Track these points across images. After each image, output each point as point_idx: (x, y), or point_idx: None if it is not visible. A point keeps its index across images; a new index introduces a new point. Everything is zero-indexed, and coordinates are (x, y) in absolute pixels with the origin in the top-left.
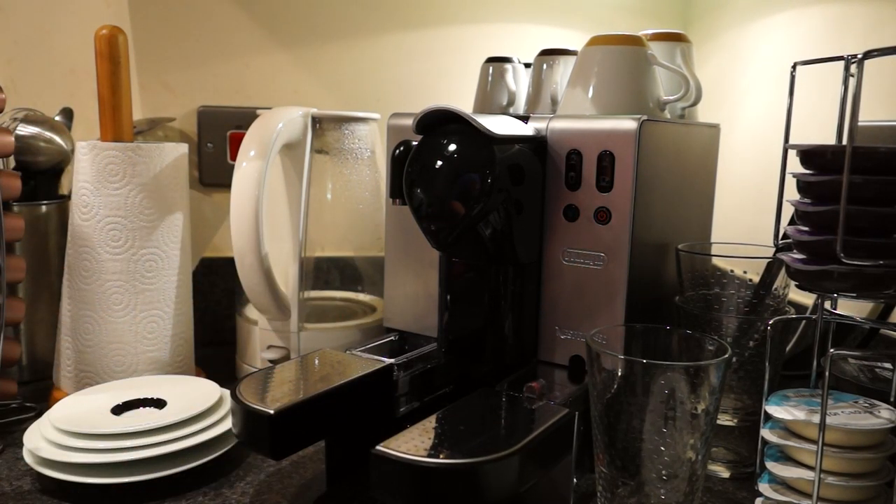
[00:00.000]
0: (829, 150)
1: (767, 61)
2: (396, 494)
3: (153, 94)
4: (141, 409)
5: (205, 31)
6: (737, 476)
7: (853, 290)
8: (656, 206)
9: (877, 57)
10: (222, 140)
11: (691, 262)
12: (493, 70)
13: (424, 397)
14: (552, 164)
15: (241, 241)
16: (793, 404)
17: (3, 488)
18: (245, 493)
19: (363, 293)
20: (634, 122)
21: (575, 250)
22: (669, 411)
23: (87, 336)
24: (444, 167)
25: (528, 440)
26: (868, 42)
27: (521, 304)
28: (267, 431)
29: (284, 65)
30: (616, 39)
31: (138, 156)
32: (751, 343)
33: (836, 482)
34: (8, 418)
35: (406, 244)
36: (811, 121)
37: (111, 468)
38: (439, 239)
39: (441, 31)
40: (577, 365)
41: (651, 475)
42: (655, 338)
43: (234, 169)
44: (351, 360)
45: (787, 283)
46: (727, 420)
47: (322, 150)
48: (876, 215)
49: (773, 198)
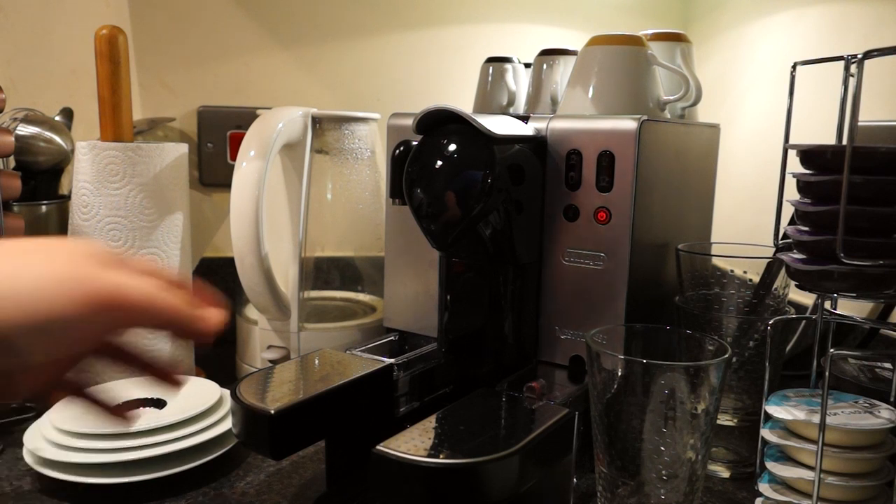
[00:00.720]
0: (829, 150)
1: (767, 61)
2: (396, 494)
3: (153, 94)
4: (141, 409)
5: (205, 31)
6: (737, 476)
7: (853, 290)
8: (656, 206)
9: (877, 57)
10: (222, 140)
11: (691, 262)
12: (493, 70)
13: (424, 397)
14: (552, 164)
15: (241, 241)
16: (793, 404)
17: (3, 488)
18: (245, 493)
19: (363, 293)
20: (634, 122)
21: (575, 250)
22: (669, 411)
23: None
24: (444, 167)
25: (528, 440)
26: (868, 42)
27: (521, 304)
28: (267, 431)
29: (284, 65)
30: (616, 39)
31: (138, 156)
32: (751, 343)
33: (836, 482)
34: (8, 418)
35: (406, 244)
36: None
37: (111, 468)
38: (439, 239)
39: (441, 31)
40: (577, 365)
41: (651, 475)
42: (655, 338)
43: (234, 169)
44: (351, 360)
45: (787, 283)
46: (727, 420)
47: (322, 150)
48: (876, 215)
49: (773, 198)
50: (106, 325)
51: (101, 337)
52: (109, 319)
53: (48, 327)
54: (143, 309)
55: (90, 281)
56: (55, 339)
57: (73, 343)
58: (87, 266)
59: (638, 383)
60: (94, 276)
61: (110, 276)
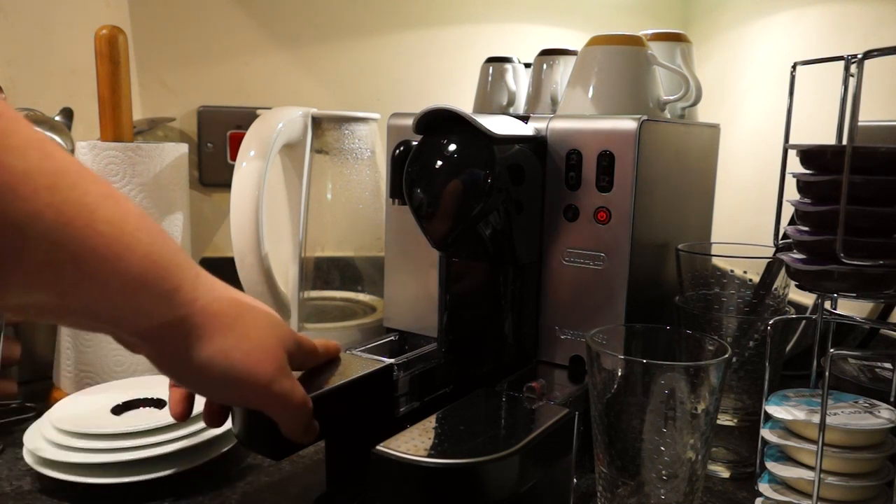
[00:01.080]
0: (829, 150)
1: (767, 61)
2: (396, 494)
3: (153, 94)
4: (141, 409)
5: (205, 30)
6: (737, 476)
7: (853, 290)
8: (656, 206)
9: (877, 57)
10: (222, 140)
11: (691, 262)
12: (493, 70)
13: (424, 397)
14: (552, 164)
15: (241, 241)
16: (793, 404)
17: (3, 488)
18: (245, 493)
19: (363, 293)
20: (634, 122)
21: (575, 250)
22: (669, 411)
23: (87, 336)
24: (444, 167)
25: (528, 440)
26: (868, 42)
27: (521, 304)
28: (267, 431)
29: (284, 65)
30: (616, 39)
31: (138, 156)
32: (751, 343)
33: (836, 482)
34: (8, 418)
35: (406, 244)
36: (811, 121)
37: (111, 468)
38: (439, 239)
39: (441, 31)
40: (577, 365)
41: (651, 475)
42: (655, 338)
43: (234, 169)
44: (351, 360)
45: (787, 283)
46: (727, 420)
47: (322, 150)
48: (876, 215)
49: (773, 198)
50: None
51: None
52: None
53: (222, 397)
54: (282, 411)
55: (266, 385)
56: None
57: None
58: (274, 363)
59: (638, 383)
60: (272, 381)
61: (282, 386)
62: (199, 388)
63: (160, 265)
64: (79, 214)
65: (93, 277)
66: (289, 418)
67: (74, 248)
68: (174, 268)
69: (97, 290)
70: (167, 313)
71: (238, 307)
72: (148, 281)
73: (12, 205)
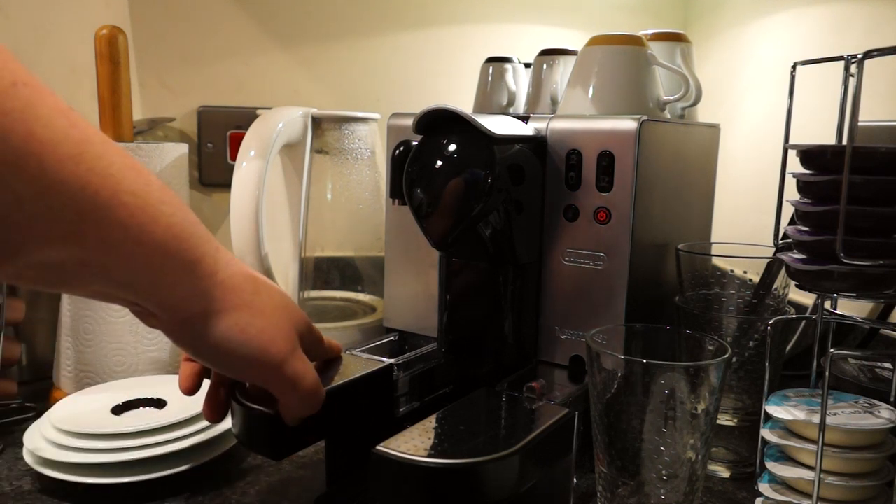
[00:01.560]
0: (829, 150)
1: (767, 61)
2: (396, 494)
3: (153, 94)
4: (141, 409)
5: (205, 30)
6: (737, 476)
7: (853, 290)
8: (656, 206)
9: (877, 57)
10: (222, 140)
11: (691, 262)
12: (493, 70)
13: (424, 397)
14: (552, 164)
15: (241, 241)
16: (793, 404)
17: (3, 488)
18: (245, 493)
19: (363, 293)
20: (634, 122)
21: (575, 250)
22: (669, 411)
23: (87, 336)
24: (444, 167)
25: (528, 440)
26: (868, 42)
27: (521, 304)
28: (267, 431)
29: (284, 65)
30: (616, 39)
31: (138, 156)
32: (751, 343)
33: (836, 482)
34: (8, 418)
35: (406, 244)
36: (811, 121)
37: (111, 468)
38: (439, 239)
39: (441, 31)
40: (577, 365)
41: (651, 475)
42: (655, 338)
43: (234, 169)
44: (351, 360)
45: (787, 283)
46: (727, 420)
47: (322, 150)
48: (876, 215)
49: (773, 198)
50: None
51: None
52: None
53: (234, 372)
54: (291, 393)
55: (279, 364)
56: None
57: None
58: (287, 343)
59: (638, 383)
60: (284, 360)
61: (294, 368)
62: (214, 360)
63: (182, 237)
64: (104, 185)
65: (117, 247)
66: (296, 402)
67: (99, 217)
68: (196, 240)
69: (120, 260)
70: (188, 285)
71: (255, 283)
72: (170, 252)
73: (38, 173)
